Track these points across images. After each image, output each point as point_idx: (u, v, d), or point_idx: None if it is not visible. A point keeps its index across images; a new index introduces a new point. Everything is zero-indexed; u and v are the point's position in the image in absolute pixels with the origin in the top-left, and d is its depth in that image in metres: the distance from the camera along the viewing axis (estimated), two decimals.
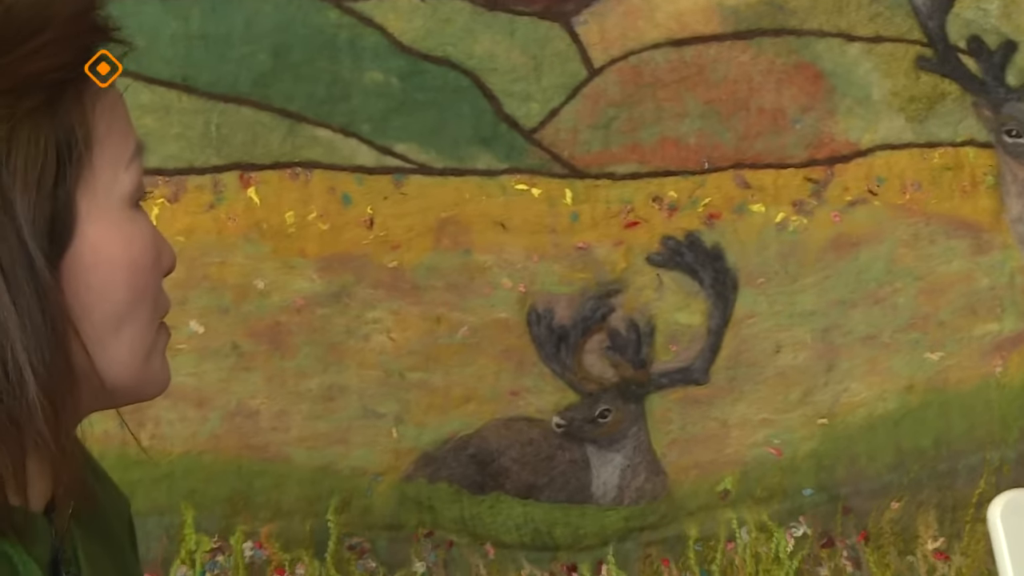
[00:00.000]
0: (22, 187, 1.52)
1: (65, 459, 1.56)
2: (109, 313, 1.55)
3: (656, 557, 2.33)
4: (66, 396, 1.52)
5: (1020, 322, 2.31)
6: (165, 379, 1.61)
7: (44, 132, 1.53)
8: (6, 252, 1.50)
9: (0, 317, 1.48)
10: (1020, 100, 2.28)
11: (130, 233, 1.56)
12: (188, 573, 2.28)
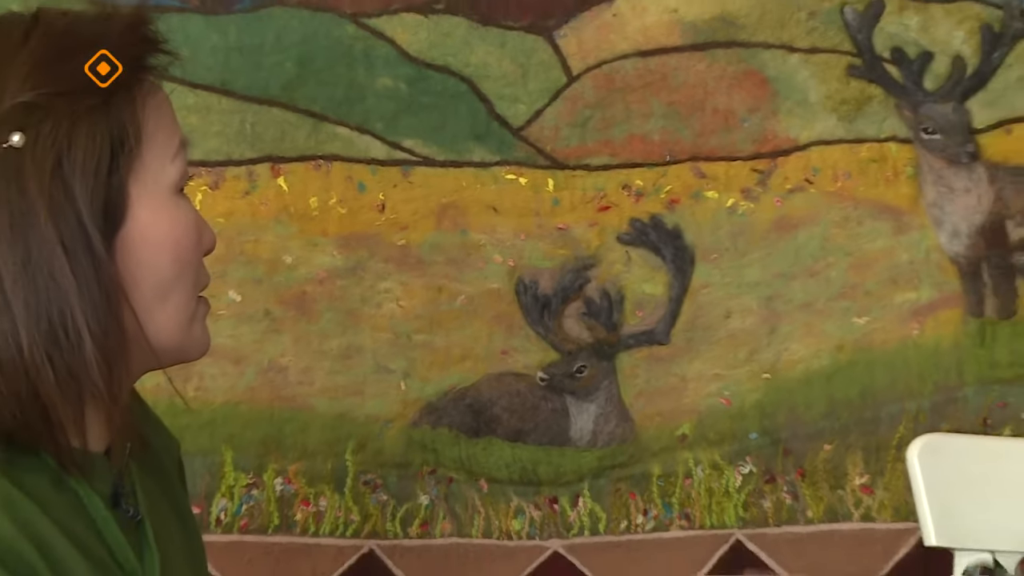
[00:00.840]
0: (81, 176, 1.56)
1: (118, 408, 1.61)
2: (156, 285, 1.61)
3: (624, 491, 2.35)
4: (118, 355, 1.57)
5: (934, 292, 2.33)
6: (205, 344, 1.69)
7: (100, 128, 1.57)
8: (67, 231, 1.54)
9: (62, 286, 1.53)
10: (935, 102, 2.29)
11: (175, 216, 1.61)
12: (228, 505, 2.30)
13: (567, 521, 2.36)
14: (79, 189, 1.57)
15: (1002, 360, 2.36)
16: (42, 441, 1.58)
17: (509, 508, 2.36)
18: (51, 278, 1.55)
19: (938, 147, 2.32)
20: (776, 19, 2.30)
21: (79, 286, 1.55)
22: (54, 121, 1.56)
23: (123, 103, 1.60)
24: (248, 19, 2.28)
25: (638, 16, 2.30)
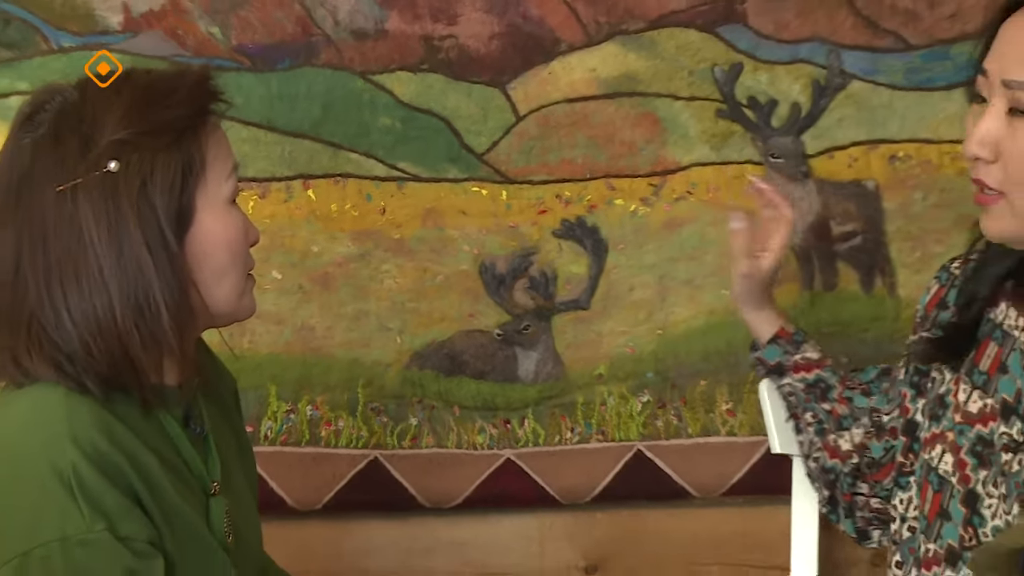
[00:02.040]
0: (160, 193, 1.65)
1: (187, 357, 1.70)
2: (215, 270, 1.71)
3: (557, 415, 2.39)
4: (186, 321, 1.66)
5: (780, 271, 2.20)
6: (252, 309, 1.78)
7: (175, 158, 1.66)
8: (150, 233, 1.62)
9: (145, 274, 1.62)
10: (779, 136, 2.31)
11: (228, 221, 1.71)
12: (272, 425, 2.35)
13: (516, 436, 2.39)
14: (159, 203, 1.66)
15: (825, 320, 2.37)
16: (130, 382, 1.64)
17: (474, 427, 2.39)
18: (138, 268, 1.63)
19: (781, 168, 2.34)
20: (666, 76, 2.31)
21: (158, 273, 1.63)
22: (140, 153, 1.64)
23: (191, 139, 1.68)
24: (286, 76, 2.29)
25: (567, 73, 2.31)
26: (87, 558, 1.58)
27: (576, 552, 2.44)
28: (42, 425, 1.62)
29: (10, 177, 1.66)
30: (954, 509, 1.77)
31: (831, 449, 1.99)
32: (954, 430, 1.78)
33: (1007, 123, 1.61)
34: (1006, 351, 1.74)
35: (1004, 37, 1.63)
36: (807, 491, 2.10)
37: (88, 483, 1.58)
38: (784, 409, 2.09)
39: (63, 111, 1.66)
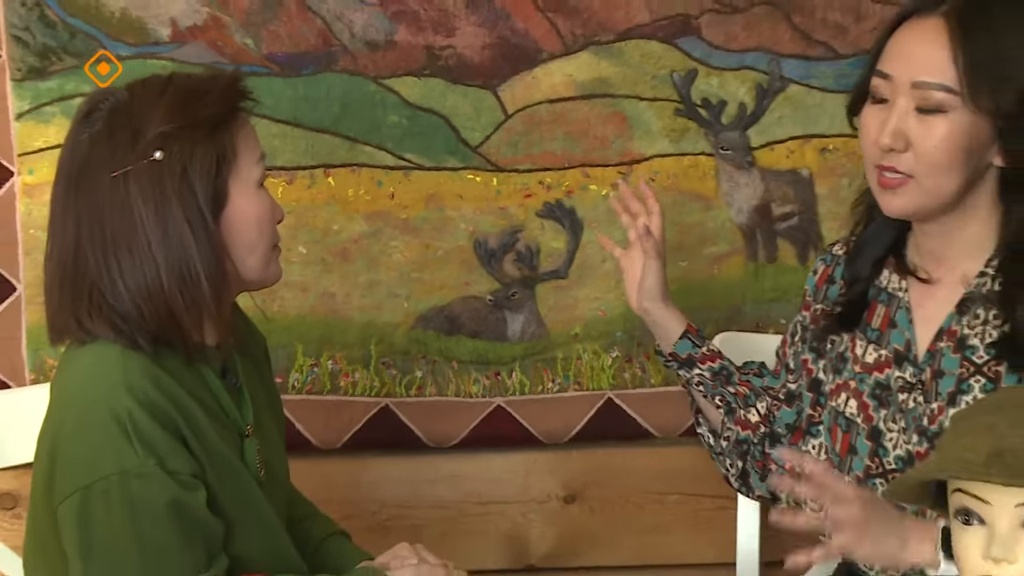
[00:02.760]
0: (198, 178, 1.68)
1: (223, 319, 1.73)
2: (245, 243, 1.73)
3: (540, 368, 2.40)
4: (222, 288, 1.69)
5: (727, 246, 2.34)
6: (278, 275, 1.80)
7: (210, 148, 1.70)
8: (190, 212, 1.66)
9: (187, 247, 1.65)
10: (728, 131, 2.32)
11: (257, 202, 1.74)
12: (298, 377, 2.36)
13: (505, 386, 2.39)
14: (198, 186, 1.69)
15: (767, 288, 2.37)
16: (175, 340, 1.68)
17: (470, 378, 2.39)
18: (180, 242, 1.67)
19: (730, 159, 2.34)
20: (632, 80, 2.32)
21: (198, 246, 1.67)
22: (181, 144, 1.67)
23: (224, 132, 1.72)
24: (310, 80, 2.29)
25: (548, 78, 2.31)
26: (141, 489, 1.63)
27: (556, 484, 2.44)
28: (102, 377, 1.67)
29: (70, 167, 1.71)
30: (861, 444, 1.84)
31: (742, 423, 1.99)
32: (855, 379, 1.85)
33: (916, 118, 1.68)
34: (893, 309, 1.83)
35: (903, 44, 1.71)
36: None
37: (141, 426, 1.62)
38: (691, 400, 2.07)
39: (115, 109, 1.70)
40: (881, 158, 1.71)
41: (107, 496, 1.63)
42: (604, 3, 2.29)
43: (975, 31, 1.66)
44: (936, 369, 1.77)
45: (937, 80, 1.67)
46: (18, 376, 2.33)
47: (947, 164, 1.68)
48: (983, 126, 1.68)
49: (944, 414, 1.74)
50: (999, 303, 1.73)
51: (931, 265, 1.80)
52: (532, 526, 2.43)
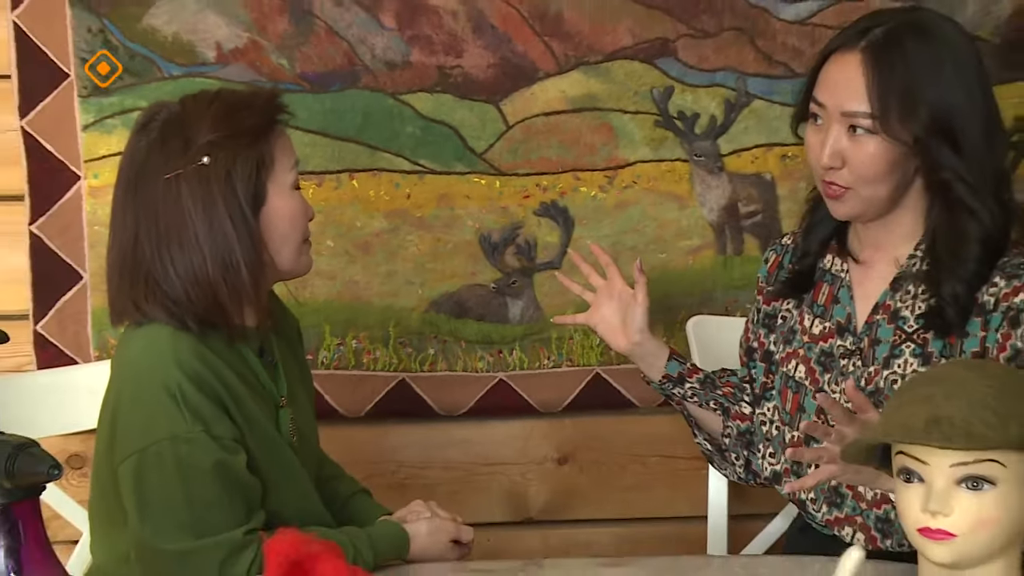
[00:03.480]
0: (240, 180, 1.69)
1: (260, 305, 1.74)
2: (280, 238, 1.73)
3: (538, 346, 2.38)
4: (260, 276, 1.69)
5: (700, 240, 2.32)
6: (309, 266, 1.79)
7: (251, 154, 1.70)
8: (233, 210, 1.67)
9: (229, 240, 1.65)
10: (701, 140, 2.31)
11: (291, 202, 1.74)
12: (327, 354, 2.35)
13: (507, 363, 2.37)
14: (240, 188, 1.70)
15: (735, 276, 2.35)
16: (219, 321, 1.69)
17: (476, 356, 2.37)
18: (224, 236, 1.68)
19: (702, 164, 2.33)
20: (617, 96, 2.31)
21: (239, 240, 1.69)
22: (226, 151, 1.68)
23: (264, 140, 1.73)
24: (337, 95, 2.29)
25: (544, 93, 2.30)
26: (189, 452, 1.65)
27: (551, 447, 2.43)
28: (155, 354, 1.68)
29: (129, 171, 1.72)
30: (808, 404, 1.88)
31: (739, 416, 1.99)
32: (803, 348, 1.89)
33: (848, 139, 1.74)
34: (836, 288, 1.87)
35: (831, 75, 1.76)
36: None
37: (189, 397, 1.64)
38: (686, 416, 2.03)
39: (168, 120, 1.71)
40: (824, 174, 1.77)
41: (160, 458, 1.64)
42: (593, 28, 2.28)
43: (887, 65, 1.71)
44: (873, 338, 1.82)
45: (860, 109, 1.72)
46: (84, 353, 2.34)
47: (878, 177, 1.74)
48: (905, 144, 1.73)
49: (879, 376, 1.80)
50: (926, 281, 1.77)
51: (869, 250, 1.84)
52: (530, 484, 2.43)
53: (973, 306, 1.74)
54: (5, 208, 2.29)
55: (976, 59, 1.77)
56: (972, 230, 1.73)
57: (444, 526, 1.87)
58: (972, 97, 1.74)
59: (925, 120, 1.71)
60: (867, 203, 1.77)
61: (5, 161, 2.26)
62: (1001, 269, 1.74)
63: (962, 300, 1.73)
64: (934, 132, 1.71)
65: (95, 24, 2.22)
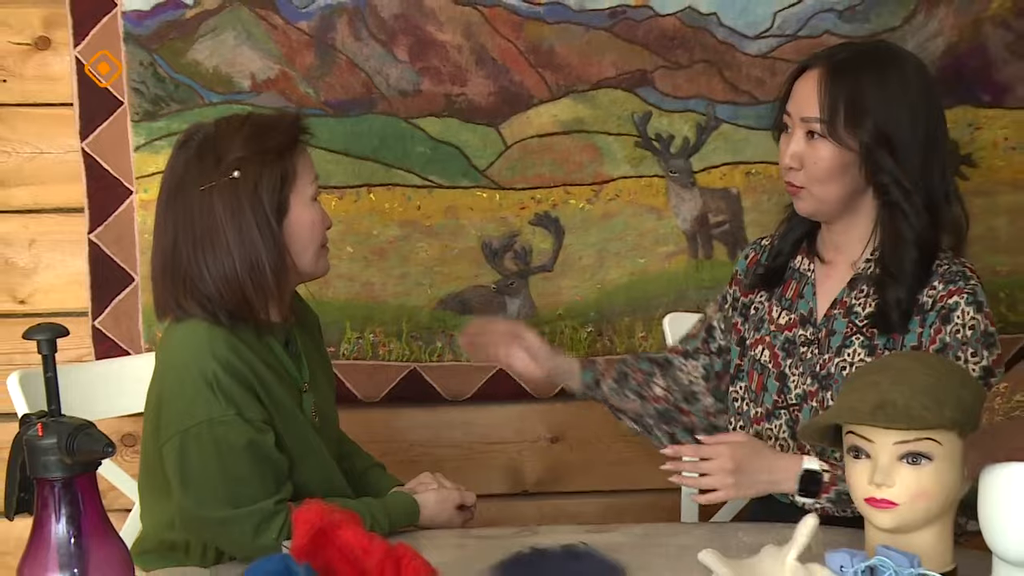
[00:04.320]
0: (266, 192, 1.69)
1: (284, 302, 1.73)
2: (301, 244, 1.72)
3: None
4: (283, 277, 1.68)
5: (675, 247, 2.31)
6: (326, 269, 1.78)
7: (277, 169, 1.70)
8: (259, 219, 1.66)
9: (256, 246, 1.65)
10: (676, 159, 2.30)
11: (311, 213, 1.72)
12: (347, 347, 2.33)
13: None
14: (265, 199, 1.69)
15: (706, 278, 2.34)
16: (247, 316, 1.69)
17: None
18: (251, 241, 1.67)
19: (677, 180, 2.31)
20: (603, 120, 2.29)
21: (264, 245, 1.68)
22: (254, 166, 1.68)
23: (288, 157, 1.73)
24: (356, 120, 2.27)
25: (538, 118, 2.28)
26: (224, 433, 1.65)
27: (544, 428, 2.42)
28: (193, 347, 1.68)
29: (170, 183, 1.73)
30: (771, 384, 1.89)
31: (654, 399, 1.98)
32: (770, 335, 1.90)
33: (807, 143, 1.76)
34: (802, 285, 1.89)
35: (797, 88, 1.79)
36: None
37: (224, 384, 1.63)
38: (610, 408, 2.01)
39: (204, 139, 1.71)
40: (786, 175, 1.80)
41: (199, 438, 1.64)
42: (581, 60, 2.27)
43: (839, 79, 1.73)
44: (829, 329, 1.83)
45: (813, 115, 1.75)
46: (136, 345, 2.33)
47: (827, 178, 1.76)
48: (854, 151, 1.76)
49: (831, 363, 1.81)
50: (876, 285, 1.78)
51: (831, 253, 1.86)
52: (526, 460, 2.42)
53: (914, 309, 1.76)
54: (68, 219, 2.28)
55: (924, 84, 1.79)
56: (907, 232, 1.75)
57: (450, 495, 1.88)
58: (915, 115, 1.75)
59: (870, 129, 1.73)
60: (819, 202, 1.79)
61: (68, 178, 2.26)
62: (941, 275, 1.76)
63: (904, 305, 1.75)
64: (877, 140, 1.73)
65: (146, 58, 2.22)
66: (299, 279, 1.80)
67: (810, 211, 1.83)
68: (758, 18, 2.23)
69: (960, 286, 1.74)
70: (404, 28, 2.24)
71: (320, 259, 1.79)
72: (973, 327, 1.71)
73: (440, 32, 2.25)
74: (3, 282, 2.29)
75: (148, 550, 1.78)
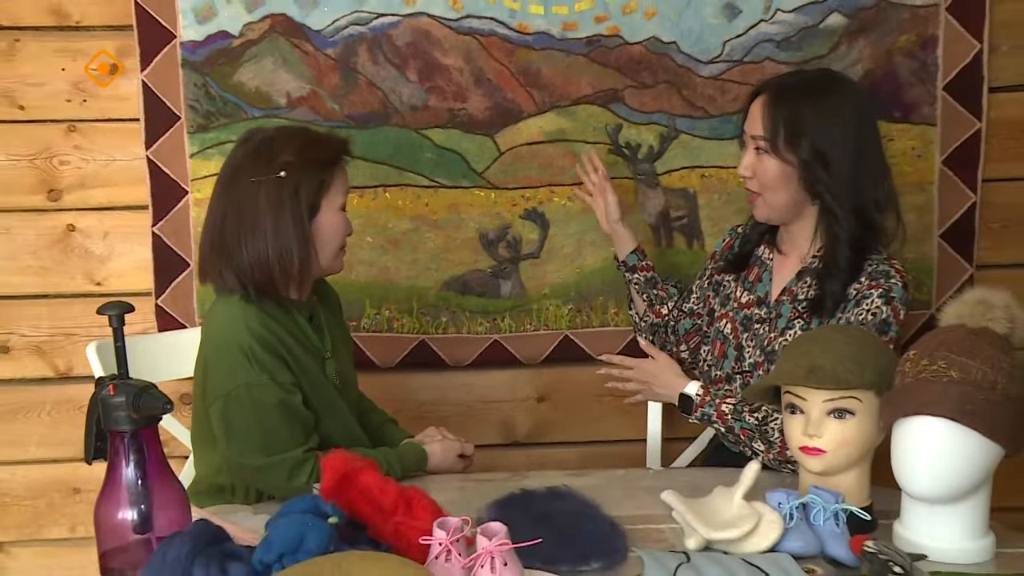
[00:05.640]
0: (304, 195, 1.67)
1: (303, 286, 1.69)
2: (323, 242, 1.70)
3: (523, 316, 2.32)
4: (305, 267, 1.66)
5: (641, 238, 2.22)
6: (340, 268, 1.75)
7: (316, 177, 1.68)
8: (295, 215, 1.65)
9: (289, 238, 1.63)
10: (643, 164, 2.25)
11: (336, 219, 1.71)
12: (366, 321, 2.30)
13: (500, 327, 2.32)
14: (303, 200, 1.68)
15: (669, 262, 2.29)
16: (276, 295, 1.68)
17: (477, 322, 2.32)
18: (285, 232, 1.66)
19: (643, 181, 2.27)
20: (580, 130, 2.26)
21: (295, 238, 1.67)
22: (299, 170, 1.67)
23: (328, 170, 1.72)
24: (374, 131, 2.24)
25: (527, 128, 2.25)
26: (259, 395, 1.65)
27: (532, 390, 2.39)
28: (232, 322, 1.68)
29: (228, 170, 1.71)
30: (729, 353, 1.91)
31: (656, 314, 2.09)
32: (732, 311, 1.91)
33: (757, 156, 1.77)
34: (762, 272, 1.90)
35: (751, 110, 1.79)
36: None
37: (257, 353, 1.63)
38: (628, 294, 2.14)
39: (263, 139, 1.70)
40: (745, 183, 1.82)
41: (239, 399, 1.64)
42: (562, 81, 2.24)
43: (780, 104, 1.73)
44: (778, 312, 1.83)
45: (760, 134, 1.75)
46: (191, 320, 2.32)
47: (775, 186, 1.76)
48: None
49: (776, 341, 1.82)
50: (818, 278, 1.78)
51: (787, 247, 1.87)
52: (517, 416, 2.40)
53: (844, 299, 1.75)
54: (135, 215, 2.27)
55: (858, 108, 1.76)
56: (841, 234, 1.74)
57: (452, 446, 1.89)
58: (847, 136, 1.73)
59: (807, 147, 1.72)
60: (771, 208, 1.80)
61: (135, 181, 2.26)
62: (868, 273, 1.74)
63: (837, 296, 1.75)
64: (813, 157, 1.73)
65: (199, 80, 2.21)
66: (318, 272, 1.78)
67: (764, 216, 1.83)
68: (710, 46, 2.21)
69: (880, 283, 1.72)
70: (414, 54, 2.23)
71: (337, 258, 1.78)
72: (875, 314, 1.70)
73: (444, 57, 2.23)
74: (83, 267, 2.29)
75: (201, 491, 1.79)
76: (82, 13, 2.18)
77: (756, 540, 1.32)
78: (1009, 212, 2.23)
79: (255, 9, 2.20)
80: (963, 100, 2.19)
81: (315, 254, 1.71)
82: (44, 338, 2.29)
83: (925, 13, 2.16)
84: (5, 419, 2.30)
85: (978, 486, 1.30)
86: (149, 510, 1.18)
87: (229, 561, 1.15)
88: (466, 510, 1.40)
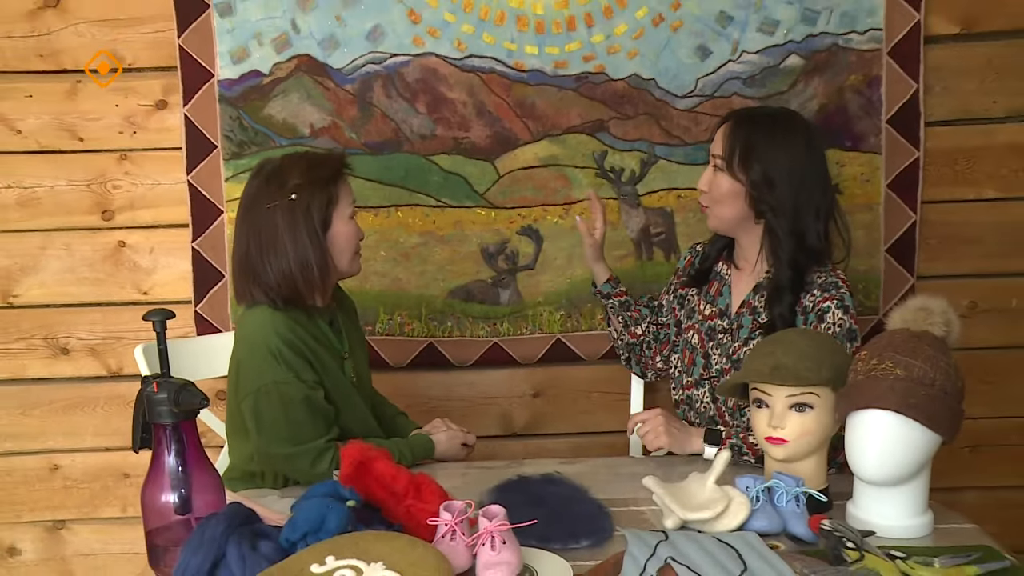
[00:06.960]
0: (316, 211, 1.66)
1: (326, 293, 1.68)
2: (339, 250, 1.68)
3: (519, 321, 2.31)
4: (326, 275, 1.65)
5: (625, 251, 2.25)
6: (358, 270, 1.73)
7: (324, 194, 1.67)
8: (309, 231, 1.63)
9: (307, 251, 1.61)
10: (626, 186, 2.24)
11: (348, 228, 1.69)
12: (380, 326, 2.29)
13: (499, 331, 2.31)
14: (315, 216, 1.67)
15: (649, 275, 2.28)
16: (300, 302, 1.67)
17: (479, 327, 2.31)
18: (303, 247, 1.66)
19: (627, 201, 2.26)
20: (571, 156, 2.25)
21: (313, 251, 1.66)
22: (308, 191, 1.66)
23: (333, 185, 1.70)
24: (388, 157, 2.23)
25: (523, 154, 2.24)
26: (286, 391, 1.64)
27: (528, 387, 2.38)
28: (261, 327, 1.67)
29: (245, 201, 1.73)
30: (697, 361, 1.89)
31: (631, 334, 2.04)
32: (698, 323, 1.89)
33: (715, 174, 1.77)
34: (722, 286, 1.88)
35: (717, 134, 1.79)
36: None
37: (284, 354, 1.62)
38: (605, 316, 2.07)
39: (272, 169, 1.70)
40: (701, 197, 1.81)
41: (268, 396, 1.64)
42: (555, 112, 2.24)
43: (739, 130, 1.74)
44: (739, 324, 1.82)
45: (719, 154, 1.76)
46: (226, 325, 2.31)
47: (723, 201, 1.76)
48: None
49: (740, 351, 1.80)
50: (767, 303, 1.76)
51: (743, 262, 1.85)
52: (514, 410, 2.39)
53: (798, 311, 1.73)
54: (178, 232, 2.29)
55: (809, 143, 1.75)
56: (781, 253, 1.74)
57: (457, 435, 1.88)
58: (794, 165, 1.73)
59: (757, 170, 1.73)
60: (720, 220, 1.80)
61: (178, 202, 2.27)
62: (819, 285, 1.73)
63: (786, 317, 1.73)
64: (761, 178, 1.73)
65: (233, 113, 2.21)
66: (339, 276, 1.78)
67: (714, 226, 1.83)
68: (685, 82, 2.21)
69: (832, 293, 1.71)
70: (423, 89, 2.23)
71: (354, 262, 1.77)
72: (841, 325, 1.70)
73: (450, 92, 2.23)
74: (132, 279, 2.31)
75: (234, 477, 1.79)
76: (134, 56, 2.21)
77: (726, 520, 1.32)
78: (944, 229, 2.24)
79: (283, 51, 2.21)
80: (904, 132, 2.21)
81: (333, 262, 1.71)
82: (98, 341, 2.32)
83: (870, 56, 2.19)
84: (65, 412, 2.34)
85: (919, 470, 1.31)
86: (188, 494, 1.19)
87: (259, 539, 1.17)
88: (469, 494, 1.40)
